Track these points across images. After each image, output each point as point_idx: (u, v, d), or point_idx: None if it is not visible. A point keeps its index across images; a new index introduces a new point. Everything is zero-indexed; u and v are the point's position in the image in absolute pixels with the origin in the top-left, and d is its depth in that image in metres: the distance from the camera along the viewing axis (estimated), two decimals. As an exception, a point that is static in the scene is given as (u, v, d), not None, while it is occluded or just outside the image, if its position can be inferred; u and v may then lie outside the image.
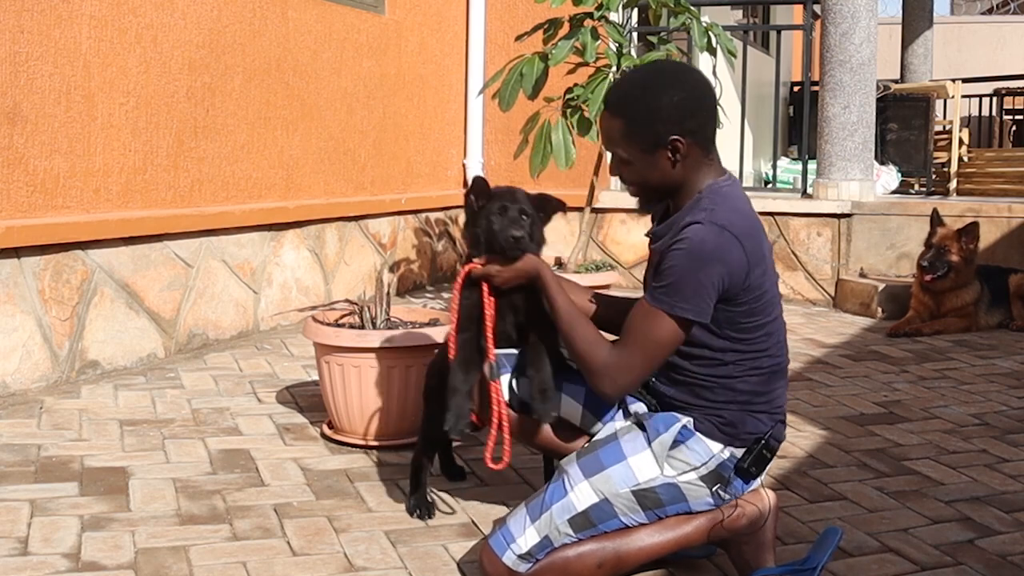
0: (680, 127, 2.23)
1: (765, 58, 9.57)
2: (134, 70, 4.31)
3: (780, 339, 2.34)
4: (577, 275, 4.62)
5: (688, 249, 2.16)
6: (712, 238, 2.16)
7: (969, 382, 4.37)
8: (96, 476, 3.04)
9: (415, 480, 2.83)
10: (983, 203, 6.31)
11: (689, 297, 2.16)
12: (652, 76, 2.31)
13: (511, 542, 2.26)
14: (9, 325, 3.79)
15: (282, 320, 5.20)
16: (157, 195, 4.46)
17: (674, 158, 2.26)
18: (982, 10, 18.26)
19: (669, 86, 2.25)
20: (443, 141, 6.75)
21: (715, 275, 2.16)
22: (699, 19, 4.58)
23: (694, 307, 2.17)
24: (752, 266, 2.20)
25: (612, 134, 2.31)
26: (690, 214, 2.23)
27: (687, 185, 2.30)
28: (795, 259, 6.25)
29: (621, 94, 2.31)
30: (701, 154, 2.29)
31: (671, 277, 2.17)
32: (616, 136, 2.30)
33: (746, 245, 2.19)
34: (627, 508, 2.27)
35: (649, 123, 2.24)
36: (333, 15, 5.56)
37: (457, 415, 2.46)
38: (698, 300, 2.17)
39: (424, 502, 2.80)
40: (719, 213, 2.20)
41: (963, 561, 2.55)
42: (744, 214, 2.25)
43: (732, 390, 2.28)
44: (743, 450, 2.30)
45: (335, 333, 3.32)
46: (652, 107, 2.24)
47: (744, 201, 2.30)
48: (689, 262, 2.16)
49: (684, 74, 2.32)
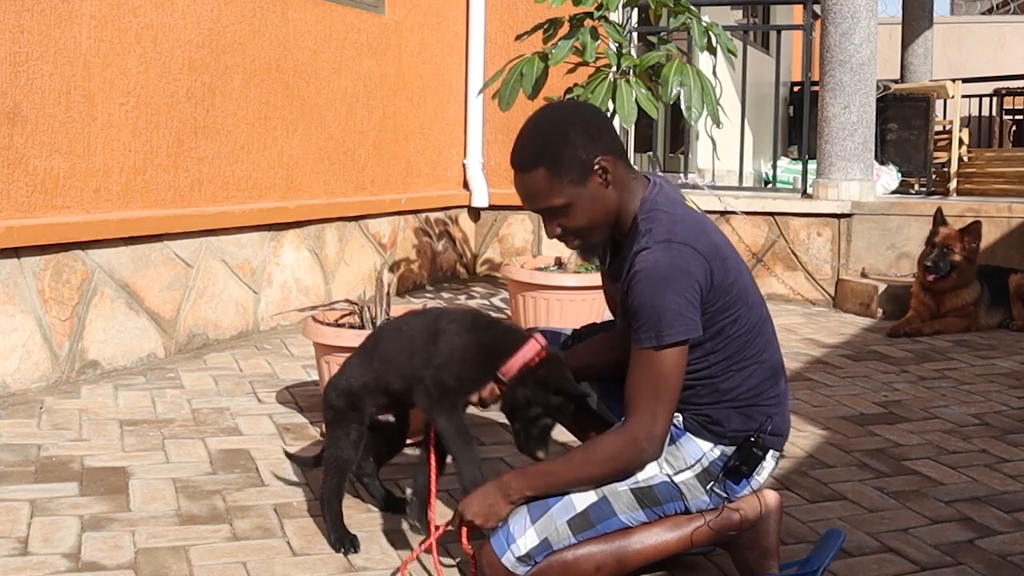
0: (597, 148, 2.23)
1: (765, 58, 9.57)
2: (134, 70, 4.31)
3: (763, 333, 2.32)
4: (577, 275, 4.63)
5: (646, 278, 2.14)
6: (664, 256, 2.15)
7: (969, 382, 4.37)
8: (96, 476, 3.04)
9: (331, 513, 2.61)
10: (983, 203, 6.31)
11: (671, 321, 2.13)
12: (550, 118, 2.30)
13: (511, 543, 2.26)
14: (9, 325, 3.79)
15: (282, 320, 5.20)
16: (157, 195, 4.46)
17: (605, 180, 2.24)
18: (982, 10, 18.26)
19: (565, 121, 2.26)
20: (443, 141, 6.75)
21: (686, 288, 2.15)
22: (699, 19, 4.58)
23: (682, 327, 2.14)
24: (711, 264, 2.19)
25: (538, 188, 2.24)
26: (634, 244, 2.22)
27: (624, 208, 2.29)
28: (795, 259, 6.25)
29: (530, 146, 2.27)
30: (625, 168, 2.29)
31: (644, 312, 2.15)
32: (543, 187, 2.23)
33: (697, 247, 2.18)
34: (626, 507, 2.27)
35: (570, 153, 2.22)
36: (333, 15, 5.56)
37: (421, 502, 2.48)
38: (682, 319, 2.14)
39: (347, 534, 2.59)
40: (658, 230, 2.19)
41: (963, 561, 2.55)
42: (680, 218, 2.23)
43: (716, 390, 2.28)
44: (734, 448, 2.30)
45: (335, 333, 3.32)
46: (565, 140, 2.23)
47: (678, 203, 2.28)
48: (653, 289, 2.14)
49: (570, 107, 2.38)
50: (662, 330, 2.13)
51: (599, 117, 2.32)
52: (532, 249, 6.80)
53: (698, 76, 4.40)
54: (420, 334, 2.51)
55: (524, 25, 5.05)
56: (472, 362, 2.42)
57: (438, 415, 2.42)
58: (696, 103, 4.35)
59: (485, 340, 2.44)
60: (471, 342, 2.44)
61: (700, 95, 4.37)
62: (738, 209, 6.19)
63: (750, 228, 6.30)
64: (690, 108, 4.35)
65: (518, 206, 6.86)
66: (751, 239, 6.31)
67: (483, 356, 2.42)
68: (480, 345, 2.43)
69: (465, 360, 2.42)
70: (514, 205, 6.78)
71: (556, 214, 2.27)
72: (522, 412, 2.39)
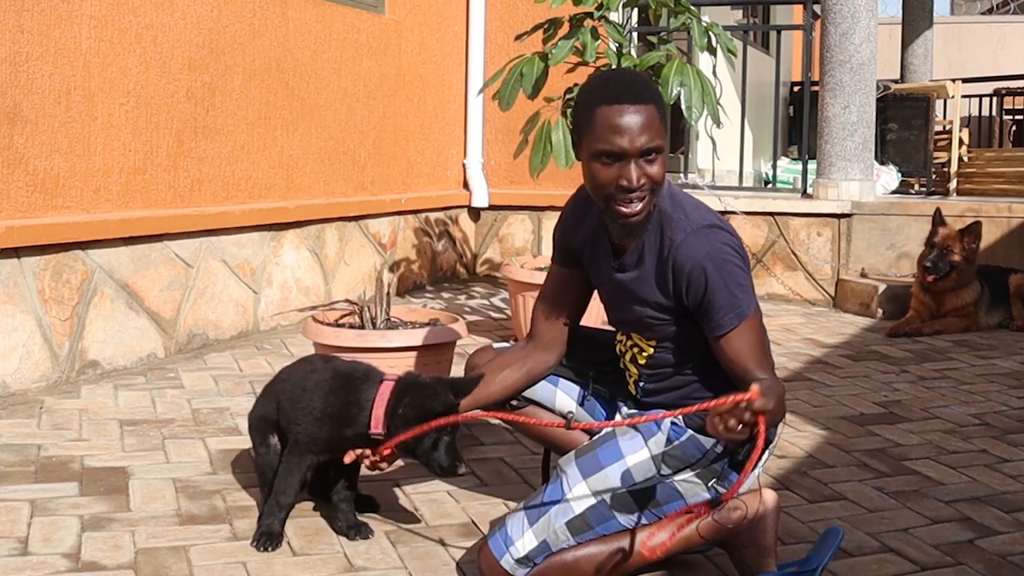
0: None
1: (765, 58, 9.57)
2: (134, 70, 4.31)
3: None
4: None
5: (714, 264, 2.18)
6: (718, 239, 2.21)
7: (969, 382, 4.37)
8: (96, 476, 3.04)
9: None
10: (983, 203, 6.31)
11: (745, 298, 2.19)
12: (642, 75, 2.38)
13: (509, 545, 2.26)
14: (9, 325, 3.79)
15: (282, 320, 5.20)
16: (157, 195, 4.46)
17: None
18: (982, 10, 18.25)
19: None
20: (443, 141, 6.75)
21: (744, 263, 2.22)
22: (699, 19, 4.57)
23: (753, 299, 2.22)
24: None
25: (652, 122, 2.17)
26: (664, 228, 2.24)
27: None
28: (795, 259, 6.25)
29: (638, 85, 2.24)
30: None
31: (720, 296, 2.17)
32: (655, 123, 2.18)
33: (730, 228, 2.26)
34: (625, 508, 2.27)
35: (663, 111, 2.25)
36: (333, 15, 5.56)
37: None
38: (750, 292, 2.21)
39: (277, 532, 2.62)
40: (694, 216, 2.24)
41: (963, 561, 2.55)
42: (697, 203, 2.31)
43: (716, 383, 2.27)
44: None
45: (335, 333, 3.32)
46: (661, 98, 2.29)
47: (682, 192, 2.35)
48: (723, 272, 2.18)
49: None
50: (742, 307, 2.18)
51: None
52: (532, 249, 6.79)
53: (698, 76, 4.40)
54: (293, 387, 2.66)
55: (524, 25, 5.05)
56: (325, 424, 2.54)
57: (284, 462, 2.60)
58: (696, 103, 4.35)
59: (331, 408, 2.54)
60: (324, 407, 2.55)
61: (700, 95, 4.36)
62: (738, 209, 6.19)
63: (750, 228, 6.29)
64: (690, 108, 4.35)
65: (518, 206, 6.88)
66: (751, 239, 6.31)
67: (333, 421, 2.53)
68: (328, 413, 2.54)
69: (320, 422, 2.55)
70: (514, 205, 6.78)
71: (651, 158, 2.18)
72: (418, 447, 2.44)
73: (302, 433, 2.56)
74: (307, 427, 2.56)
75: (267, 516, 2.58)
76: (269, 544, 2.53)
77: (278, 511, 2.57)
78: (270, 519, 2.57)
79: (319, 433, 2.55)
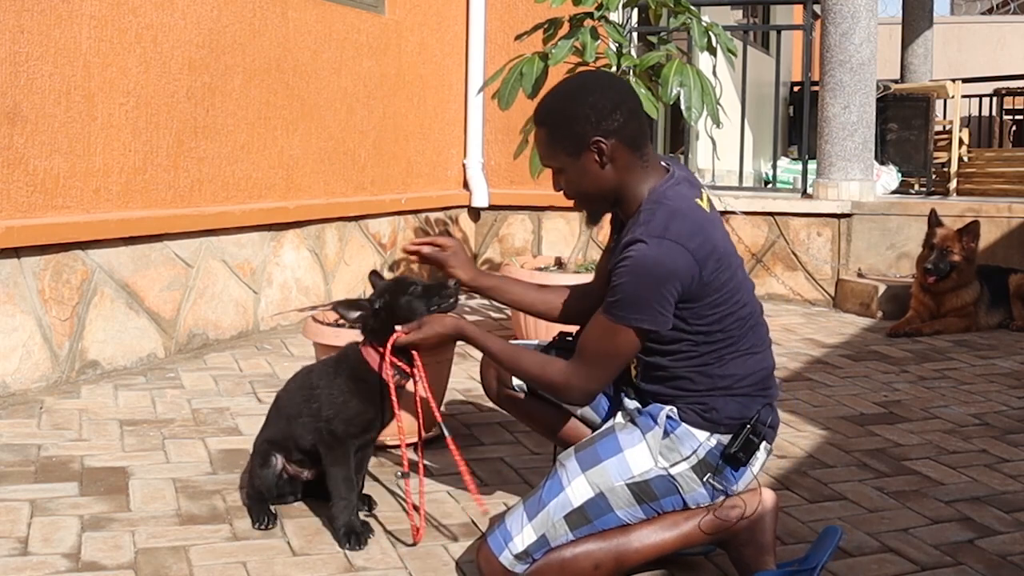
0: (598, 128, 2.26)
1: (765, 58, 9.57)
2: (134, 70, 4.31)
3: (757, 331, 2.35)
4: (577, 275, 4.63)
5: (632, 267, 2.19)
6: (653, 252, 2.18)
7: (969, 382, 4.37)
8: (96, 476, 3.04)
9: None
10: (983, 203, 6.31)
11: (643, 309, 2.20)
12: (573, 85, 2.38)
13: (508, 541, 2.26)
14: (9, 325, 3.79)
15: (282, 320, 5.20)
16: (157, 195, 4.46)
17: (601, 160, 2.28)
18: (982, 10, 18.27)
19: (587, 91, 2.31)
20: (443, 141, 6.75)
21: (666, 286, 2.19)
22: (699, 19, 4.58)
23: (650, 318, 2.21)
24: (702, 265, 2.21)
25: (540, 144, 2.36)
26: (631, 231, 2.25)
27: (627, 191, 2.33)
28: (795, 259, 6.25)
29: (544, 105, 2.38)
30: (630, 155, 2.30)
31: (621, 293, 2.21)
32: (543, 145, 2.36)
33: (690, 246, 2.19)
34: (623, 502, 2.27)
35: (569, 126, 2.29)
36: (333, 15, 5.56)
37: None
38: (653, 311, 2.20)
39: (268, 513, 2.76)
40: (655, 224, 2.21)
41: (963, 561, 2.55)
42: (682, 213, 2.24)
43: (710, 376, 2.30)
44: (730, 437, 2.31)
45: (335, 333, 3.32)
46: (570, 112, 2.29)
47: (686, 198, 2.29)
48: (636, 279, 2.19)
49: (603, 79, 2.40)
50: (631, 314, 2.21)
51: (614, 98, 2.30)
52: (532, 249, 6.80)
53: (698, 76, 4.40)
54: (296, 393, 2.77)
55: (524, 25, 5.05)
56: (351, 400, 2.64)
57: (330, 464, 2.65)
58: (696, 103, 4.35)
59: (347, 385, 2.66)
60: (341, 388, 2.66)
61: (700, 95, 4.37)
62: (738, 209, 6.19)
63: (750, 228, 6.30)
64: (690, 108, 4.35)
65: (518, 206, 6.88)
66: (751, 239, 6.31)
67: (353, 391, 2.64)
68: (347, 390, 2.65)
69: (347, 402, 2.64)
70: (514, 205, 6.78)
71: (556, 172, 2.37)
72: (433, 297, 2.58)
73: (337, 423, 2.63)
74: (339, 413, 2.63)
75: (342, 515, 2.60)
76: (359, 542, 2.58)
77: (350, 508, 2.62)
78: (346, 516, 2.60)
79: (349, 412, 2.63)
